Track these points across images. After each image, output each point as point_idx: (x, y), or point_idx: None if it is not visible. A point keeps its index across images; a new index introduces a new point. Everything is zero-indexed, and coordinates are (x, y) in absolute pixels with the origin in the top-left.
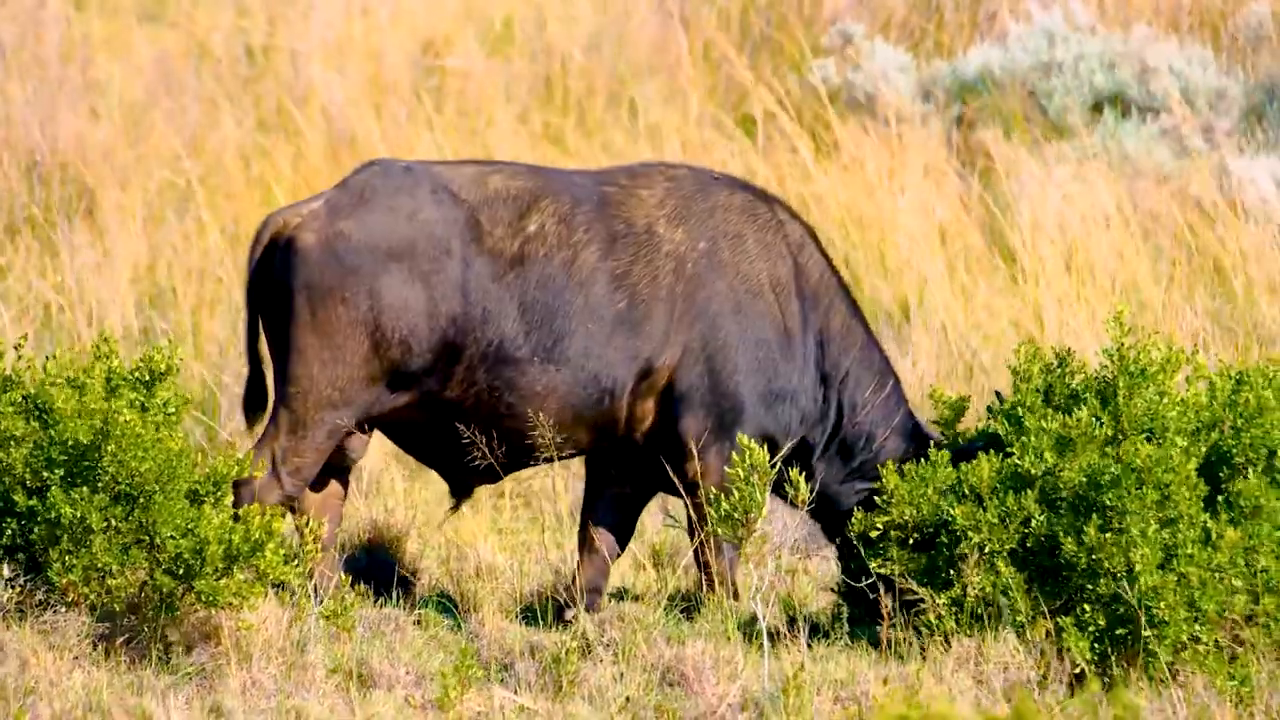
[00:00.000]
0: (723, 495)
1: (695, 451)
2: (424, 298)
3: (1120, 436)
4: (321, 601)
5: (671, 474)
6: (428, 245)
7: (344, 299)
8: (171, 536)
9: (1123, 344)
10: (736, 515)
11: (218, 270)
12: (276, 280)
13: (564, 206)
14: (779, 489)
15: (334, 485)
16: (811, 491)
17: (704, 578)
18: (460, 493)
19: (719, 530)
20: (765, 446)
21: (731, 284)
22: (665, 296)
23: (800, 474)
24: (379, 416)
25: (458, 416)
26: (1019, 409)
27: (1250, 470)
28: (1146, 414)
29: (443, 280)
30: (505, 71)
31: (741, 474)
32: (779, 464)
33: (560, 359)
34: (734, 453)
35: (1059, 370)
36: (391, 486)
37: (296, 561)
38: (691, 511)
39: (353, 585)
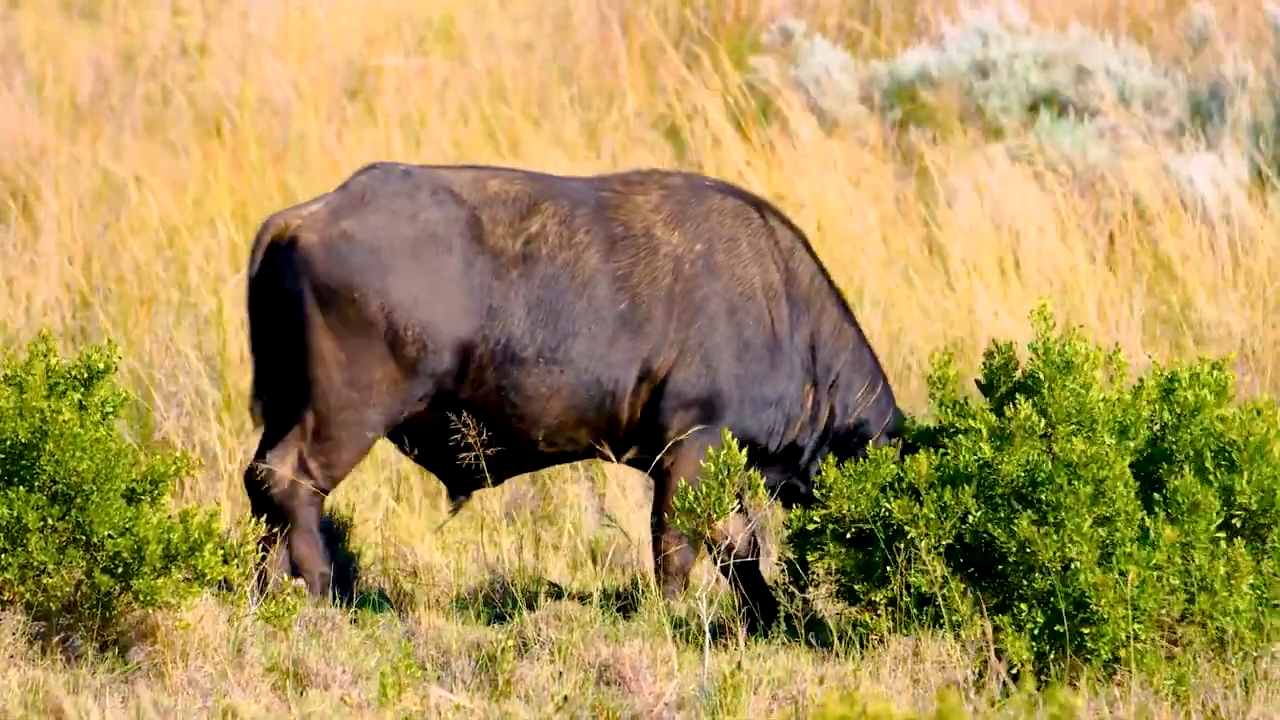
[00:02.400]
0: (690, 489)
1: (674, 444)
2: (433, 296)
3: (1050, 431)
4: (258, 601)
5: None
6: (430, 245)
7: (353, 299)
8: (109, 536)
9: (1048, 338)
10: (699, 511)
11: (153, 269)
12: (281, 283)
13: (563, 209)
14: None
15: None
16: (806, 493)
17: (658, 570)
18: (460, 495)
19: (678, 522)
20: (746, 448)
21: (727, 286)
22: (664, 297)
23: (760, 476)
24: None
25: (464, 418)
26: (957, 404)
27: (1187, 467)
28: (1074, 408)
29: (448, 279)
30: (443, 71)
31: (713, 471)
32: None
33: (565, 360)
34: (711, 450)
35: (1000, 364)
36: None
37: (236, 561)
38: (658, 500)
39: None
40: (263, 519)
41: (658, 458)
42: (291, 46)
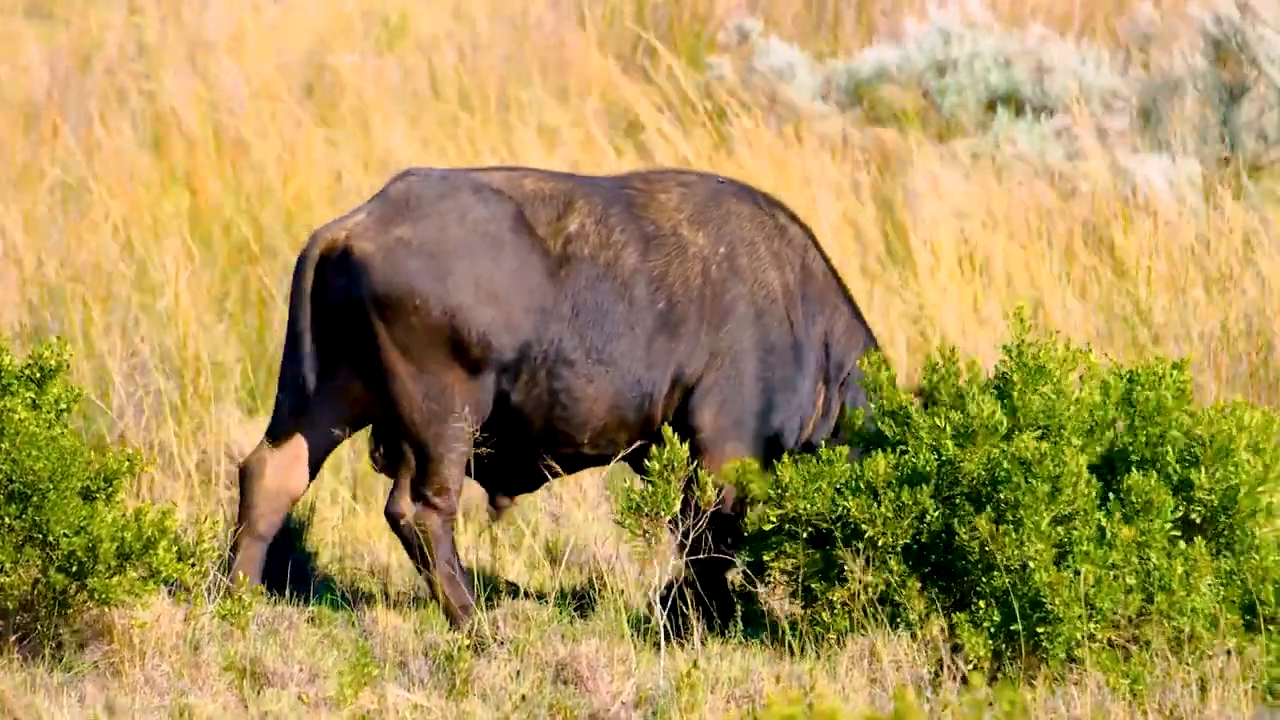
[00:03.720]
0: (640, 488)
1: (707, 449)
2: (491, 294)
3: (1017, 432)
4: (215, 600)
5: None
6: (484, 243)
7: (415, 306)
8: (65, 534)
9: (1022, 340)
10: (646, 509)
11: (110, 269)
12: (339, 297)
13: (597, 207)
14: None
15: (291, 480)
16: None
17: (688, 581)
18: (503, 501)
19: (625, 523)
20: (773, 448)
21: (751, 290)
22: (696, 299)
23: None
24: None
25: (514, 421)
26: (907, 407)
27: (1149, 468)
28: (1043, 411)
29: (505, 276)
30: (398, 69)
31: (658, 468)
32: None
33: (609, 360)
34: (747, 454)
35: (945, 370)
36: None
37: (192, 559)
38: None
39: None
40: (236, 519)
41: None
42: (247, 45)
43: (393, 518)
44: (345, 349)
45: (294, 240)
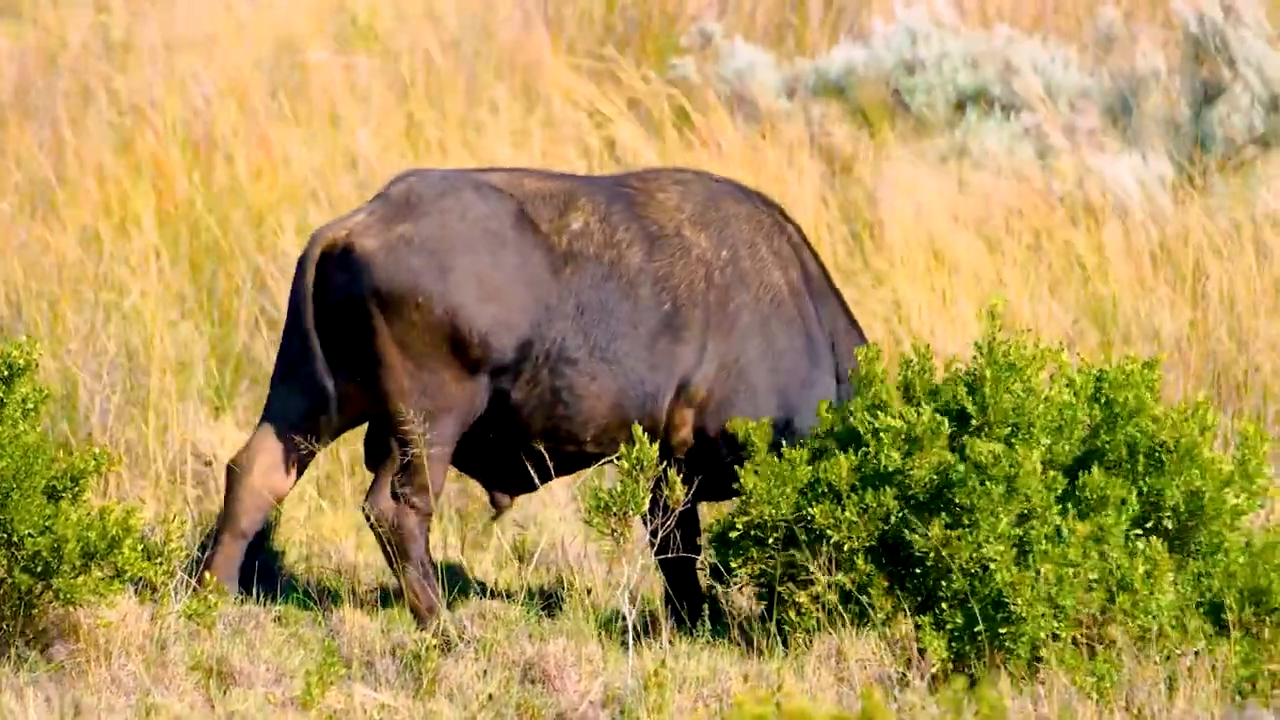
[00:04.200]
0: (600, 487)
1: (734, 465)
2: (493, 292)
3: (986, 431)
4: (181, 599)
5: (713, 485)
6: (486, 240)
7: (417, 304)
8: (29, 534)
9: (994, 338)
10: (614, 509)
11: (77, 266)
12: (340, 295)
13: (600, 206)
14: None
15: (277, 479)
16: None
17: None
18: (503, 500)
19: (593, 522)
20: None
21: (757, 295)
22: (700, 302)
23: (678, 474)
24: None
25: (516, 419)
26: (876, 406)
27: (1118, 468)
28: (1013, 409)
29: (507, 274)
30: (366, 69)
31: (626, 467)
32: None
33: (613, 359)
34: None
35: (918, 366)
36: None
37: (158, 558)
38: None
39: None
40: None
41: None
42: (215, 43)
43: (369, 513)
44: (343, 348)
45: (262, 239)
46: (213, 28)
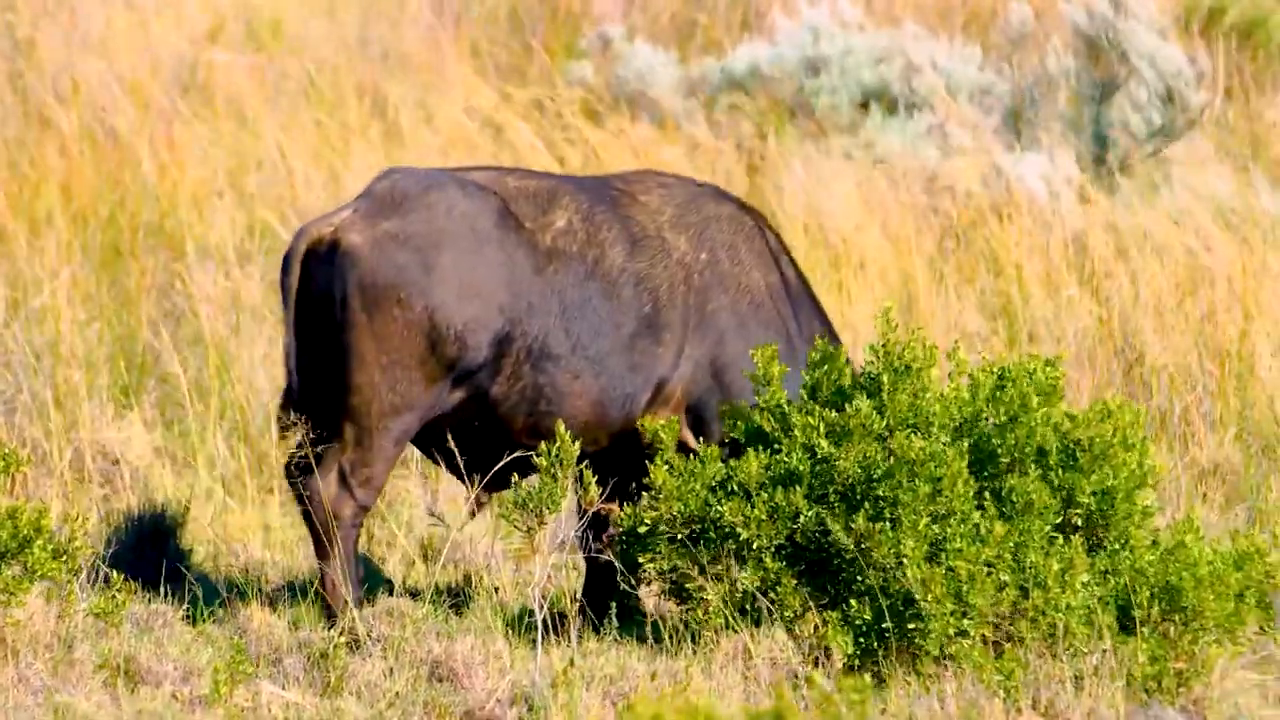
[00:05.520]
0: (520, 484)
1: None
2: (474, 291)
3: (888, 432)
4: (89, 598)
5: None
6: (470, 237)
7: (399, 300)
8: None
9: (889, 340)
10: (531, 506)
11: None
12: (321, 290)
13: (583, 205)
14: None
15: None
16: None
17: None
18: (480, 496)
19: (509, 518)
20: None
21: (735, 297)
22: (680, 303)
23: (594, 475)
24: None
25: (496, 417)
26: (785, 406)
27: (1020, 466)
28: (910, 409)
29: (489, 271)
30: (272, 68)
31: (546, 464)
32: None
33: (594, 357)
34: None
35: (823, 366)
36: (160, 481)
37: (64, 556)
38: None
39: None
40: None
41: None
42: (120, 42)
43: (306, 493)
44: (322, 342)
45: (168, 237)
46: (116, 26)
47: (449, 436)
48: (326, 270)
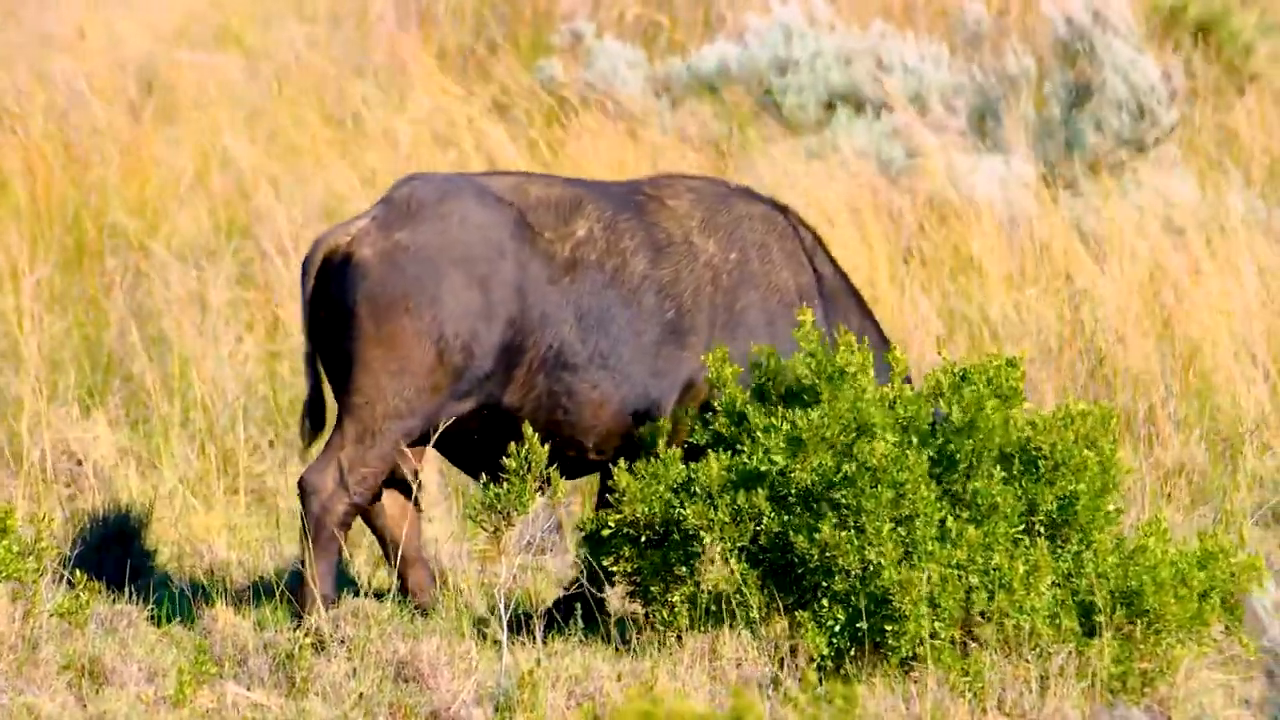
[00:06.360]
0: (491, 484)
1: None
2: (483, 301)
3: (837, 439)
4: (53, 598)
5: None
6: (483, 248)
7: (408, 309)
8: None
9: (816, 350)
10: (500, 507)
11: None
12: (335, 298)
13: (606, 214)
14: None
15: (403, 497)
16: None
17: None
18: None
19: (477, 519)
20: None
21: (764, 295)
22: (706, 305)
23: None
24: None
25: (513, 425)
26: (745, 408)
27: (980, 469)
28: (850, 414)
29: (500, 282)
30: (239, 67)
31: (514, 466)
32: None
33: (615, 366)
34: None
35: (768, 371)
36: (125, 482)
37: (31, 557)
38: None
39: (86, 582)
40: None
41: None
42: (84, 43)
43: (303, 485)
44: (334, 349)
45: (134, 237)
46: (83, 28)
47: (468, 443)
48: (340, 280)
